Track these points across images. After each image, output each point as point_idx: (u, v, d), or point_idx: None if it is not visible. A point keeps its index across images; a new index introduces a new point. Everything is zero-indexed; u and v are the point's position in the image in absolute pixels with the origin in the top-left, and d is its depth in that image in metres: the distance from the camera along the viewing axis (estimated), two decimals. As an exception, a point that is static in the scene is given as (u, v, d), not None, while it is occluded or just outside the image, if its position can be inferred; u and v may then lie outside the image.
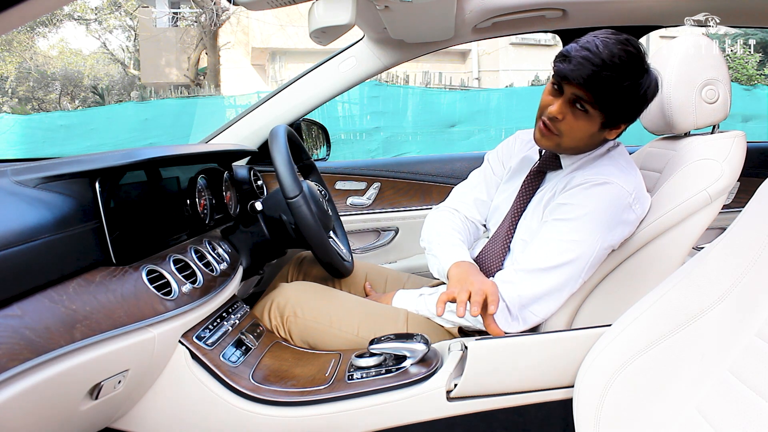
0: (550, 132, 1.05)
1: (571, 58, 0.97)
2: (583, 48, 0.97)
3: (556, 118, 1.02)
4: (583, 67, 0.95)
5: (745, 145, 1.07)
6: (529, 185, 1.18)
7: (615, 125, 1.04)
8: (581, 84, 0.96)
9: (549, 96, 1.04)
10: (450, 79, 8.65)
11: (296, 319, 1.17)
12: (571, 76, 0.97)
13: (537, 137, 1.08)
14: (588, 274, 1.05)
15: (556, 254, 1.03)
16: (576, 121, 1.02)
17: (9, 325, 0.66)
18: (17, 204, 0.78)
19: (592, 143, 1.08)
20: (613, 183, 1.02)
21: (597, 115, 1.01)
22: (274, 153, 1.17)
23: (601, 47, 0.95)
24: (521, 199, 1.18)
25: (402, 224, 1.87)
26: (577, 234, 1.02)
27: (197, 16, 11.99)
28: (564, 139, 1.05)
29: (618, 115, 1.02)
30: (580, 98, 0.99)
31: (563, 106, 1.01)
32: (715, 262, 0.77)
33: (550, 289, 1.04)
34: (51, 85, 13.83)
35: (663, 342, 0.79)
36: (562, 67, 0.98)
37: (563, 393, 0.93)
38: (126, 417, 0.95)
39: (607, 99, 0.97)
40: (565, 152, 1.11)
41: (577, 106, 1.00)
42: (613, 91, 0.96)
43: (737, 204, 1.82)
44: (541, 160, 1.18)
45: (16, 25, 0.53)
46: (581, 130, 1.03)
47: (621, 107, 1.00)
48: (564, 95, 1.01)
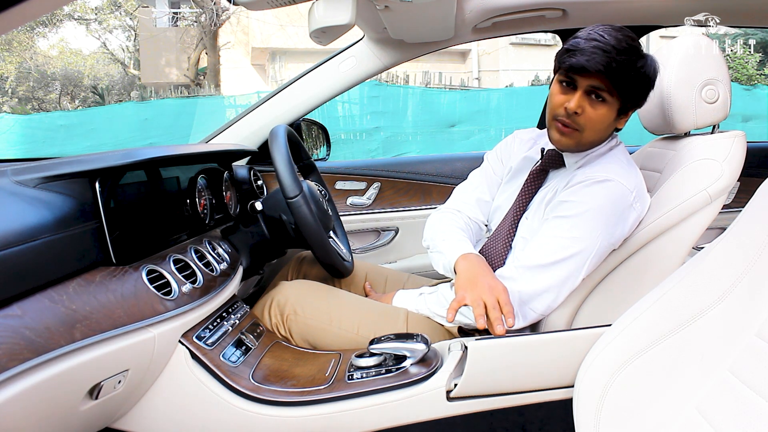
0: (570, 129, 1.05)
1: (582, 50, 0.98)
2: (589, 39, 0.98)
3: (576, 113, 1.02)
4: (598, 55, 0.97)
5: (745, 145, 1.07)
6: (532, 184, 1.17)
7: (626, 111, 1.07)
8: (600, 71, 0.97)
9: (561, 95, 1.04)
10: (450, 79, 8.65)
11: (296, 317, 1.17)
12: (588, 66, 0.97)
13: (556, 138, 1.08)
14: (588, 271, 1.05)
15: (557, 250, 1.03)
16: (595, 112, 1.03)
17: (9, 325, 0.66)
18: (17, 204, 0.78)
19: (607, 133, 1.09)
20: (615, 180, 1.02)
21: (614, 102, 1.03)
22: (274, 153, 1.17)
23: (606, 36, 0.98)
24: (523, 198, 1.17)
25: (402, 224, 1.87)
26: (578, 230, 1.02)
27: (197, 16, 12.00)
28: (585, 133, 1.05)
29: (632, 99, 1.04)
30: (596, 88, 1.01)
31: (580, 99, 1.02)
32: (715, 262, 0.77)
33: (550, 286, 1.04)
34: (51, 85, 13.83)
35: (663, 342, 0.79)
36: (576, 60, 0.99)
37: (563, 393, 0.93)
38: (126, 417, 0.95)
39: (624, 83, 1.00)
40: (582, 148, 1.10)
41: (593, 97, 1.02)
42: (629, 74, 0.99)
43: (737, 204, 1.82)
44: (544, 159, 1.17)
45: (16, 25, 0.53)
46: (601, 120, 1.04)
47: (635, 89, 1.02)
48: (579, 89, 1.02)
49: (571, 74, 1.02)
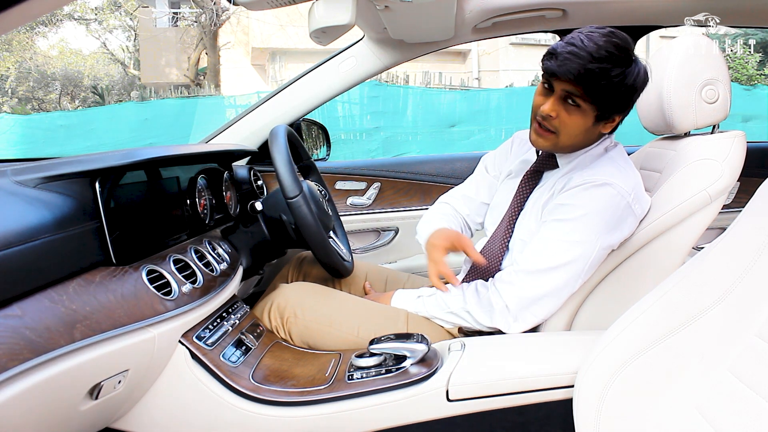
0: (546, 131, 1.06)
1: (557, 54, 0.98)
2: (568, 44, 0.98)
3: (550, 116, 1.03)
4: (570, 61, 0.96)
5: (745, 145, 1.07)
6: (526, 185, 1.18)
7: (608, 117, 1.05)
8: (571, 79, 0.97)
9: (540, 96, 1.05)
10: (450, 79, 8.64)
11: (296, 319, 1.17)
12: (559, 72, 0.98)
13: (533, 139, 1.09)
14: (587, 275, 1.05)
15: (556, 255, 1.03)
16: (570, 117, 1.02)
17: (9, 325, 0.66)
18: (17, 204, 0.78)
19: (588, 138, 1.08)
20: (612, 184, 1.02)
21: (590, 109, 1.01)
22: (274, 153, 1.17)
23: (586, 41, 0.96)
24: (518, 199, 1.18)
25: (402, 224, 1.87)
26: (577, 234, 1.02)
27: (197, 16, 11.99)
28: (561, 137, 1.05)
29: (610, 107, 1.02)
30: (570, 93, 1.00)
31: (555, 103, 1.02)
32: (715, 262, 0.77)
33: (549, 291, 1.04)
34: (51, 85, 13.82)
35: (663, 342, 0.79)
36: (550, 64, 0.99)
37: (563, 393, 0.93)
38: (126, 417, 0.95)
39: (597, 91, 0.98)
40: (562, 150, 1.11)
41: (568, 101, 1.01)
42: (602, 82, 0.97)
43: (737, 204, 1.82)
44: (537, 160, 1.18)
45: (17, 25, 0.53)
46: (576, 126, 1.03)
47: (612, 98, 1.00)
48: (555, 93, 1.02)
49: (547, 77, 1.02)
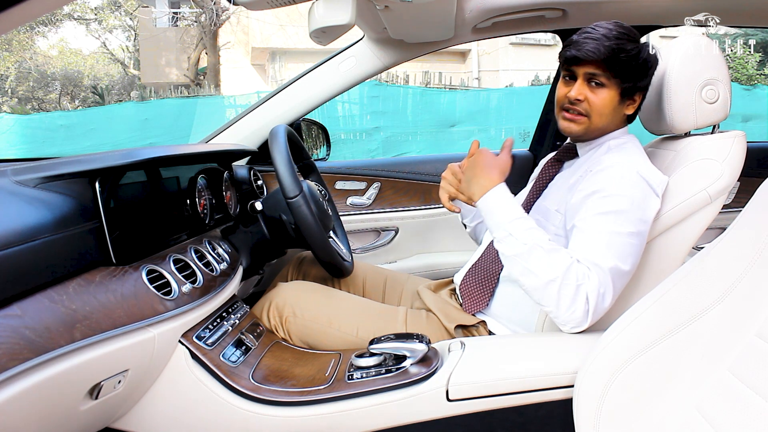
0: (576, 115, 1.10)
1: (575, 42, 1.07)
2: (583, 33, 1.07)
3: (578, 99, 1.08)
4: (588, 44, 1.05)
5: (745, 145, 1.07)
6: (546, 172, 1.23)
7: (631, 95, 1.10)
8: (593, 59, 1.04)
9: (563, 87, 1.11)
10: (450, 79, 8.64)
11: (295, 319, 1.17)
12: (581, 54, 1.05)
13: (564, 126, 1.13)
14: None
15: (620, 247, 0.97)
16: (597, 96, 1.08)
17: (9, 325, 0.66)
18: (17, 204, 0.78)
19: (616, 120, 1.12)
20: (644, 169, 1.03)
21: (613, 85, 1.07)
22: (274, 153, 1.17)
23: (599, 28, 1.06)
24: (538, 185, 1.23)
25: (402, 224, 1.87)
26: (632, 225, 0.98)
27: (197, 16, 11.99)
28: (593, 118, 1.09)
29: (632, 79, 1.07)
30: (594, 75, 1.06)
31: (581, 87, 1.08)
32: (715, 262, 0.77)
33: (619, 284, 0.98)
34: (51, 85, 13.82)
35: (663, 342, 0.79)
36: (571, 52, 1.07)
37: (563, 393, 0.93)
38: (126, 417, 0.95)
39: (618, 65, 1.04)
40: (593, 134, 1.13)
41: (592, 83, 1.08)
42: (621, 56, 1.03)
43: (737, 204, 1.82)
44: (558, 151, 1.24)
45: (16, 24, 0.53)
46: (604, 105, 1.08)
47: (632, 71, 1.06)
48: (578, 78, 1.08)
49: (569, 66, 1.09)
